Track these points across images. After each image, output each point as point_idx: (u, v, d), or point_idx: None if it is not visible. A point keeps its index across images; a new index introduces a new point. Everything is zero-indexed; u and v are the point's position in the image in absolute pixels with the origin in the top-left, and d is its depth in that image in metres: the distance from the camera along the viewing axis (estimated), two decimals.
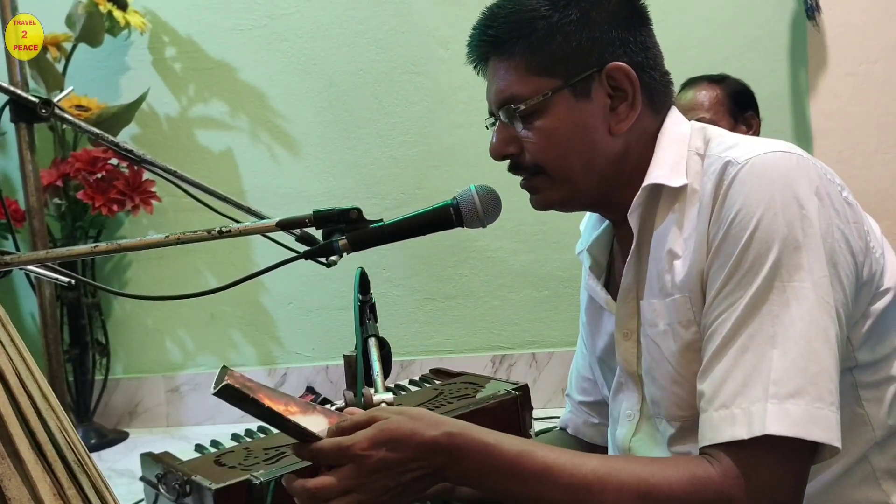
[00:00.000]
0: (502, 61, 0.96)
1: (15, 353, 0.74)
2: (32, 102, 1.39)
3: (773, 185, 0.81)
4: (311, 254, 1.02)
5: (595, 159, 0.94)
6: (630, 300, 0.97)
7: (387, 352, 1.02)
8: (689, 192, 0.90)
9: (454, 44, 2.51)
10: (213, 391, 0.79)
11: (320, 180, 2.58)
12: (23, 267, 1.14)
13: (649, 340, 0.93)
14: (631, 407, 1.00)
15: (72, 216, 2.46)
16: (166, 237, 1.05)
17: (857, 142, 2.30)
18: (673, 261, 0.90)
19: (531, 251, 2.50)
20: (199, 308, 2.61)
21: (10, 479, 0.65)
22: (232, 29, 2.58)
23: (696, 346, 0.87)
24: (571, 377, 1.22)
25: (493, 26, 0.95)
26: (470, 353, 2.57)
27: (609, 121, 0.94)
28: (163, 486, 1.27)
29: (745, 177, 0.83)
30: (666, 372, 0.91)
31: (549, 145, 0.94)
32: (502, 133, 0.98)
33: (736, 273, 0.81)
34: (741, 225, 0.81)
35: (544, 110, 0.93)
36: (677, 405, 0.90)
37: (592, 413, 1.17)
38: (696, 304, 0.87)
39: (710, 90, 2.01)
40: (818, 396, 0.75)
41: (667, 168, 0.92)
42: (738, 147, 0.88)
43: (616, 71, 0.93)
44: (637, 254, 0.95)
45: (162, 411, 2.67)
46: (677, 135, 0.95)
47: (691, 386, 0.87)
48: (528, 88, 0.94)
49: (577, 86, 0.93)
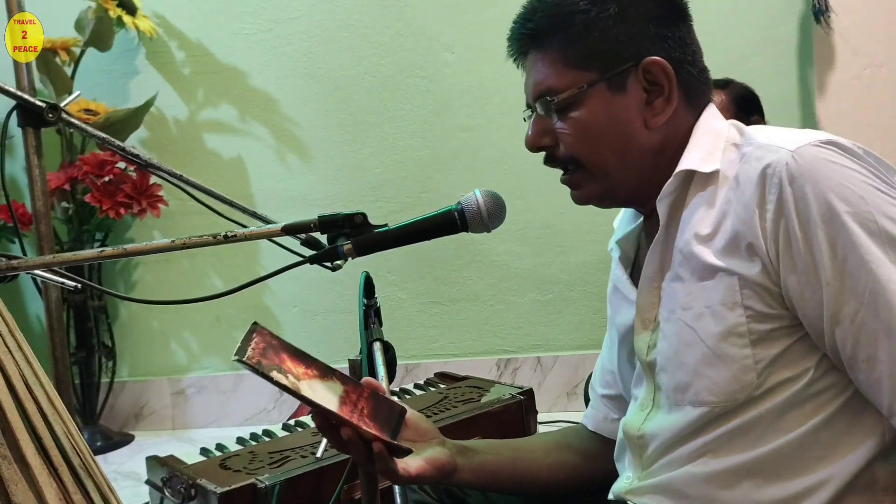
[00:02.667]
0: (540, 54, 0.97)
1: (22, 358, 0.74)
2: (39, 107, 1.40)
3: (835, 173, 0.82)
4: (317, 258, 1.03)
5: (630, 152, 0.95)
6: (653, 288, 0.97)
7: (391, 356, 1.02)
8: (720, 178, 0.91)
9: (459, 48, 2.51)
10: (234, 357, 0.81)
11: (325, 184, 2.59)
12: (29, 271, 1.14)
13: (681, 325, 0.92)
14: (646, 396, 1.00)
15: (79, 220, 2.47)
16: (172, 242, 1.05)
17: (863, 144, 2.30)
18: (705, 242, 0.89)
19: (536, 255, 2.50)
20: (205, 311, 2.62)
21: (17, 484, 0.65)
22: (237, 33, 2.59)
23: (741, 328, 0.86)
24: (596, 370, 1.22)
25: (533, 20, 0.97)
26: (475, 356, 2.57)
27: (645, 115, 0.95)
28: (168, 489, 1.28)
29: (801, 168, 0.83)
30: (701, 354, 0.89)
31: (584, 138, 0.95)
32: (538, 125, 0.99)
33: (834, 268, 0.81)
34: (813, 223, 0.82)
35: (579, 103, 0.94)
36: (709, 389, 0.89)
37: (613, 408, 1.16)
38: (744, 287, 0.86)
39: (714, 95, 2.00)
40: None
41: (699, 156, 0.93)
42: (781, 136, 0.88)
43: (653, 65, 0.94)
44: (663, 240, 0.95)
45: (167, 414, 2.67)
46: (714, 128, 0.96)
47: (728, 369, 0.87)
48: (564, 81, 0.94)
49: (613, 79, 0.94)
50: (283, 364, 0.86)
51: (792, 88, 2.38)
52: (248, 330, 0.86)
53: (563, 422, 2.30)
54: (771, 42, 2.37)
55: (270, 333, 0.87)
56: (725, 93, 2.01)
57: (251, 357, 0.82)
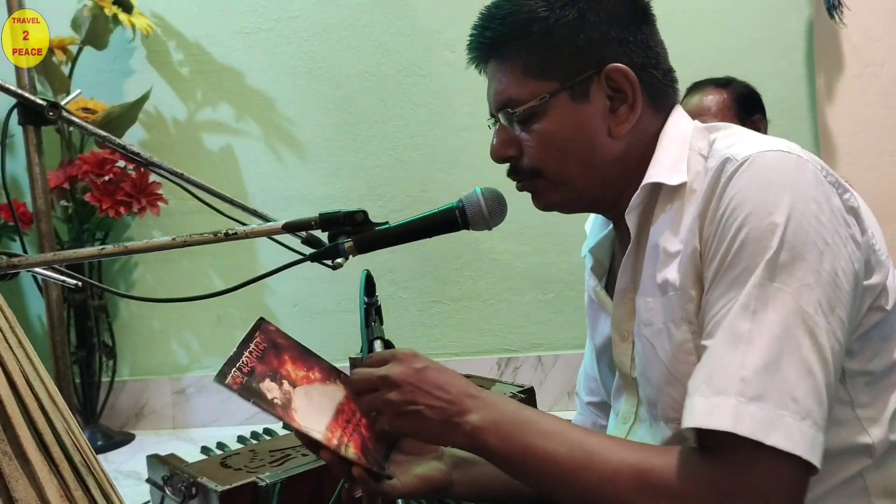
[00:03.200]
0: (500, 63, 0.95)
1: (23, 355, 0.74)
2: (40, 105, 1.39)
3: (769, 185, 0.79)
4: (317, 256, 1.02)
5: (595, 161, 0.93)
6: (627, 301, 0.96)
7: None
8: (687, 191, 0.89)
9: (459, 47, 2.49)
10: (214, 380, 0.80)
11: (326, 182, 2.59)
12: (30, 269, 1.14)
13: (644, 340, 0.92)
14: (628, 409, 0.99)
15: (79, 218, 2.47)
16: (172, 239, 1.05)
17: (865, 143, 2.30)
18: (669, 258, 0.88)
19: (536, 253, 2.50)
20: (206, 310, 2.62)
21: (18, 481, 0.65)
22: (238, 32, 2.59)
23: (687, 345, 0.85)
24: (580, 377, 1.22)
25: (491, 28, 0.94)
26: (475, 355, 2.57)
27: (609, 123, 0.93)
28: (169, 487, 1.28)
29: (742, 175, 0.81)
30: (660, 372, 0.89)
31: (547, 149, 0.93)
32: (502, 135, 0.97)
33: (729, 273, 0.80)
34: (735, 225, 0.79)
35: (542, 114, 0.92)
36: (672, 407, 0.88)
37: (600, 414, 1.16)
38: (688, 302, 0.85)
39: (716, 94, 2.00)
40: (781, 404, 0.73)
41: (666, 167, 0.91)
42: (739, 145, 0.85)
43: (615, 72, 0.91)
44: (634, 253, 0.94)
45: (168, 413, 2.67)
46: (678, 134, 0.94)
47: (684, 387, 0.83)
48: (525, 91, 0.92)
49: (575, 88, 0.92)
50: (281, 368, 0.85)
51: (793, 87, 2.38)
52: (253, 326, 0.85)
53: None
54: (771, 41, 2.37)
55: (277, 330, 0.86)
56: (727, 92, 2.00)
57: (234, 380, 0.80)
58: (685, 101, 2.01)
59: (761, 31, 2.37)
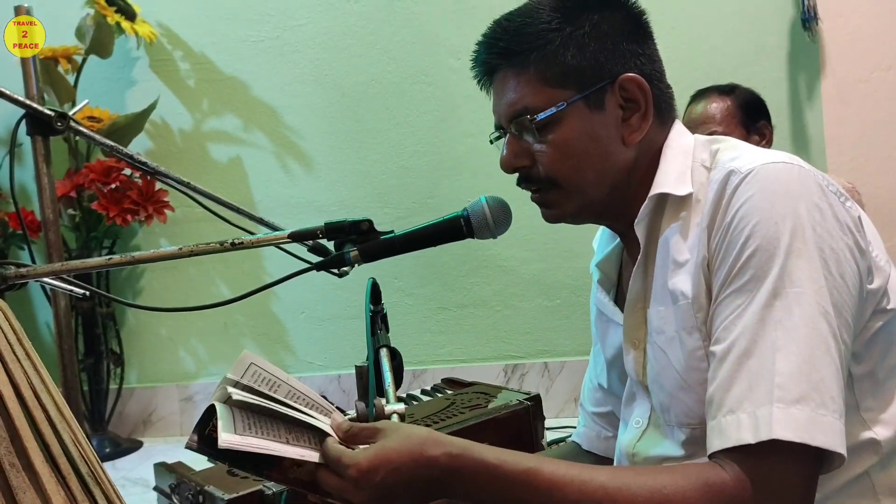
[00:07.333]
0: (514, 73, 0.96)
1: (30, 367, 0.74)
2: (48, 116, 1.40)
3: (774, 196, 0.82)
4: (324, 265, 1.03)
5: (608, 170, 0.95)
6: (638, 310, 0.97)
7: (398, 362, 1.02)
8: (693, 201, 0.91)
9: (465, 54, 2.49)
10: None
11: (332, 190, 2.59)
12: (39, 279, 1.15)
13: (656, 348, 0.93)
14: (641, 415, 1.00)
15: (86, 227, 2.48)
16: (179, 249, 1.05)
17: (870, 148, 2.29)
18: (678, 268, 0.90)
19: (542, 260, 2.50)
20: (213, 318, 2.63)
21: (26, 493, 0.65)
22: (244, 40, 2.60)
23: (699, 352, 0.87)
24: (584, 387, 1.22)
25: (504, 38, 0.96)
26: (482, 362, 2.56)
27: (622, 131, 0.95)
28: (176, 496, 1.28)
29: (747, 187, 0.84)
30: (673, 379, 0.91)
31: (564, 157, 0.95)
32: (513, 146, 0.98)
33: (737, 280, 0.82)
34: (743, 234, 0.82)
35: (559, 122, 0.94)
36: (685, 413, 0.91)
37: (605, 425, 1.16)
38: (699, 311, 0.87)
39: (720, 102, 1.99)
40: (821, 403, 0.75)
41: (672, 178, 0.93)
42: (742, 158, 0.88)
43: (629, 82, 0.94)
44: (644, 263, 0.96)
45: (176, 420, 2.68)
46: (682, 146, 0.96)
47: (696, 393, 0.87)
48: (542, 100, 0.94)
49: (591, 97, 0.93)
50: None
51: (797, 93, 2.37)
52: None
53: (570, 427, 2.29)
54: (775, 46, 2.36)
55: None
56: (731, 98, 1.99)
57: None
58: (690, 109, 2.00)
59: (765, 37, 2.36)
